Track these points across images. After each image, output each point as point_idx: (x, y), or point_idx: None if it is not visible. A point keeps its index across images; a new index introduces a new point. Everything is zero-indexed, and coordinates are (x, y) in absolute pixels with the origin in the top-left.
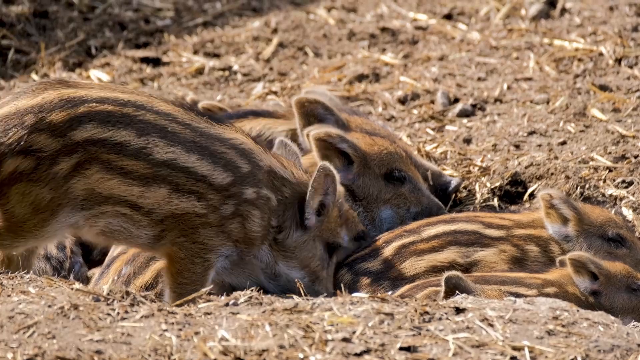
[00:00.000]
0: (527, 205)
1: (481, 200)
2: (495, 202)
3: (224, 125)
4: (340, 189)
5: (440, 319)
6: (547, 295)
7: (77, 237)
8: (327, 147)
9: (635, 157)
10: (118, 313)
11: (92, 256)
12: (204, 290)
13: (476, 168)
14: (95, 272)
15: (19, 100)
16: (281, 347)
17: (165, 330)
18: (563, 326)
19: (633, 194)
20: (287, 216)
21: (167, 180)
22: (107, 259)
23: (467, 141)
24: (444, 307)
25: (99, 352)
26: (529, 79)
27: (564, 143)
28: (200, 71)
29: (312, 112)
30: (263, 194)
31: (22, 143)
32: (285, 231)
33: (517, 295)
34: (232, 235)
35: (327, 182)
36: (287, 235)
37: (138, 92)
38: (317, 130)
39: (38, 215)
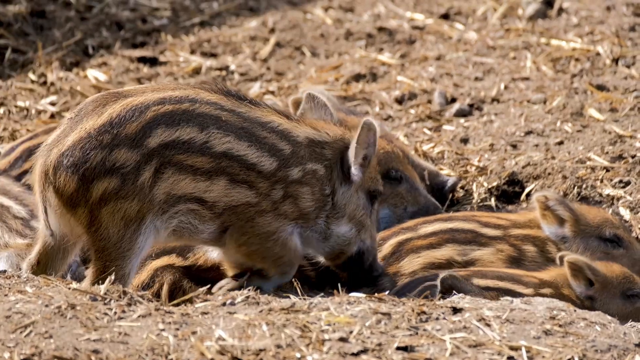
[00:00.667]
0: (524, 205)
1: (478, 200)
2: (493, 202)
3: (260, 106)
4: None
5: (437, 318)
6: (543, 294)
7: None
8: None
9: (633, 157)
10: (115, 312)
11: (88, 255)
12: (200, 290)
13: (473, 168)
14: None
15: (84, 122)
16: (278, 346)
17: (163, 329)
18: (560, 326)
19: (630, 194)
20: (334, 177)
21: (226, 171)
22: None
23: (464, 141)
24: (441, 307)
25: (96, 351)
26: (526, 78)
27: (561, 143)
28: (197, 71)
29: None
30: (308, 169)
31: (106, 163)
32: (335, 193)
33: (513, 292)
34: (289, 216)
35: (369, 136)
36: (337, 195)
37: (182, 85)
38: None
39: (130, 228)
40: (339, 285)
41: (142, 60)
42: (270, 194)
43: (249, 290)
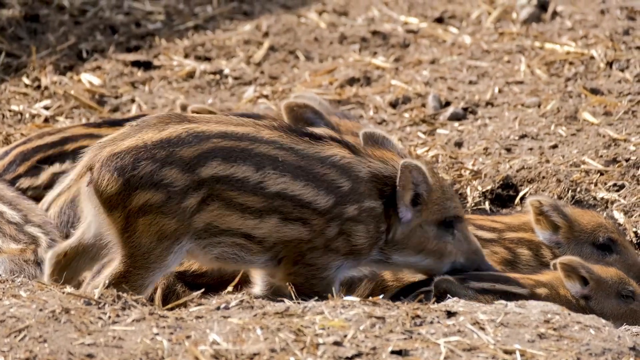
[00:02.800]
0: (518, 208)
1: (472, 204)
2: (487, 205)
3: (321, 141)
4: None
5: (431, 322)
6: (539, 295)
7: None
8: None
9: (627, 160)
10: (109, 317)
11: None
12: (195, 294)
13: (467, 171)
14: (87, 275)
15: (143, 133)
16: (272, 350)
17: (157, 334)
18: (554, 329)
19: (624, 197)
20: (392, 213)
21: (278, 210)
22: (98, 264)
23: (459, 145)
24: (435, 310)
25: (90, 355)
26: (520, 82)
27: (555, 146)
28: (191, 75)
29: (301, 116)
30: (365, 207)
31: (154, 177)
32: (392, 229)
33: (509, 293)
34: (340, 251)
35: (413, 176)
36: (395, 230)
37: (244, 121)
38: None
39: (162, 243)
40: (333, 289)
41: (136, 64)
42: (324, 231)
43: (243, 294)
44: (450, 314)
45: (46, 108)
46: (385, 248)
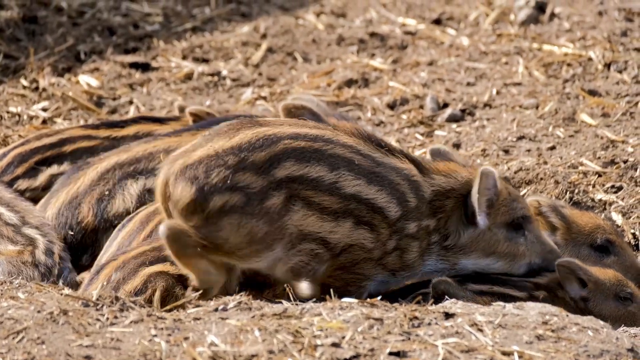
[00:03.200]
0: None
1: None
2: None
3: (396, 154)
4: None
5: (429, 324)
6: (537, 298)
7: (65, 242)
8: None
9: (625, 162)
10: (107, 318)
11: (81, 261)
12: (192, 295)
13: None
14: (85, 277)
15: (214, 142)
16: (270, 352)
17: (155, 335)
18: (552, 331)
19: (622, 199)
20: (450, 223)
21: (353, 213)
22: (95, 265)
23: (457, 146)
24: (433, 312)
25: (88, 357)
26: (518, 84)
27: (553, 148)
28: (189, 76)
29: (299, 118)
30: (424, 225)
31: (228, 182)
32: (452, 235)
33: (507, 296)
34: (388, 266)
35: (488, 183)
36: (457, 237)
37: (323, 126)
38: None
39: (252, 246)
40: (331, 290)
41: (134, 65)
42: (386, 243)
43: (241, 295)
44: (448, 316)
45: (44, 110)
46: (447, 255)
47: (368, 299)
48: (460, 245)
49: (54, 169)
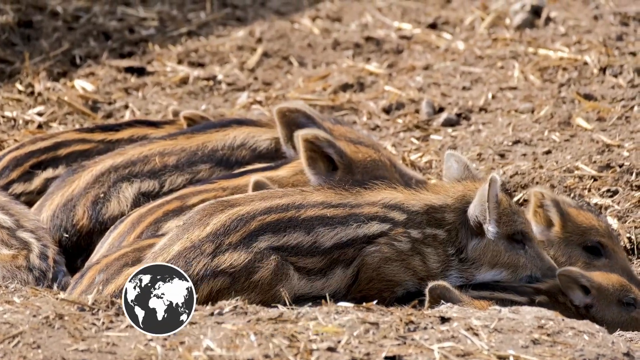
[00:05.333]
0: None
1: None
2: None
3: (372, 187)
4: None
5: (425, 328)
6: (539, 303)
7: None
8: (314, 150)
9: (620, 166)
10: (103, 323)
11: (76, 264)
12: None
13: None
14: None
15: (190, 232)
16: (266, 356)
17: (150, 339)
18: (548, 335)
19: (618, 203)
20: (460, 236)
21: (338, 260)
22: (84, 268)
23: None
24: (429, 316)
25: None
26: (514, 88)
27: (548, 152)
28: (184, 81)
29: (293, 121)
30: (428, 233)
31: (208, 268)
32: (464, 250)
33: (507, 301)
34: (418, 272)
35: (493, 190)
36: (467, 250)
37: (292, 191)
38: (306, 131)
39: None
40: (327, 295)
41: (130, 70)
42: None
43: (236, 300)
44: (444, 320)
45: (39, 114)
46: (463, 269)
47: (364, 303)
48: (470, 258)
49: (49, 172)
